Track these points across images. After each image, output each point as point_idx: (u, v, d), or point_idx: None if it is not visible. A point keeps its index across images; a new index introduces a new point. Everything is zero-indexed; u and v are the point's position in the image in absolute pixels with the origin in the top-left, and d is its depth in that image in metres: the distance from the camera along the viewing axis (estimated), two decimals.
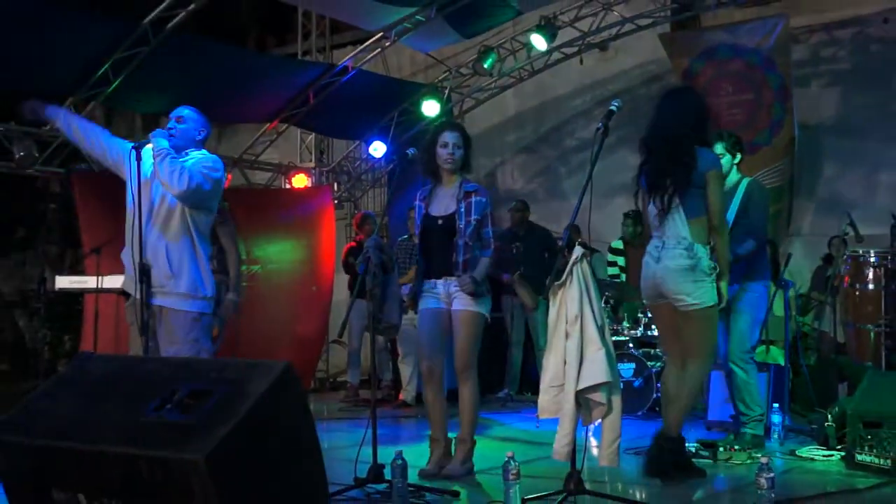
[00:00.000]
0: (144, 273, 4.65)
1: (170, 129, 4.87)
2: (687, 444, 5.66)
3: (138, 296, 4.63)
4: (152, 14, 8.49)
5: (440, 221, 5.17)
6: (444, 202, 5.23)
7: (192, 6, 8.42)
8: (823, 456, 5.59)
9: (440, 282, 5.16)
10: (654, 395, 7.75)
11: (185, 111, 4.96)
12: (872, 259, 6.23)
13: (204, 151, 4.97)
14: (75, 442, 3.10)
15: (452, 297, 5.15)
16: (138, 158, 4.73)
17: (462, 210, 5.13)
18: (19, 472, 3.27)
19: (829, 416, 5.82)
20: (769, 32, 9.35)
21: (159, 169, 4.69)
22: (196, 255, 4.81)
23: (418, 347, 5.37)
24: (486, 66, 10.48)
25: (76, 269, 11.55)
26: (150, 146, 4.78)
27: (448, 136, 5.23)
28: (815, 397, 7.37)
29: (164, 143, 4.75)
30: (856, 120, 9.90)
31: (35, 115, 5.07)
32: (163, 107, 10.52)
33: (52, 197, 14.15)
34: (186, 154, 4.84)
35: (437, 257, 5.18)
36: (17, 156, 8.89)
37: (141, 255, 4.67)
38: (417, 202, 5.33)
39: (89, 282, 7.31)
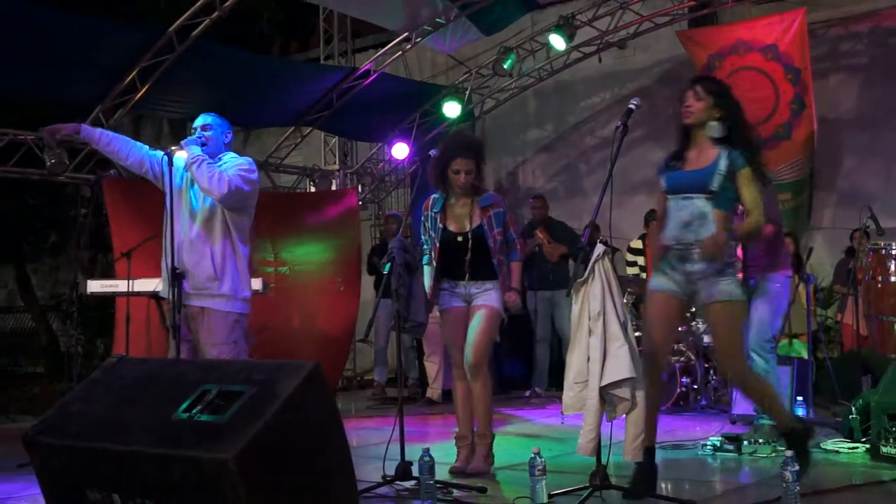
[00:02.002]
0: (178, 276, 4.68)
1: (199, 137, 4.89)
2: (711, 439, 5.66)
3: (173, 297, 4.67)
4: (177, 23, 8.56)
5: (459, 238, 5.15)
6: (459, 218, 5.21)
7: (215, 14, 8.48)
8: (848, 448, 5.53)
9: (461, 282, 5.17)
10: (678, 390, 7.72)
11: (208, 119, 4.99)
12: (894, 251, 6.16)
13: (234, 154, 5.00)
14: (109, 443, 3.12)
15: (473, 296, 5.15)
16: (170, 164, 4.76)
17: (486, 229, 5.12)
18: (55, 472, 3.29)
19: (854, 408, 5.76)
20: (787, 28, 9.28)
21: (197, 175, 4.72)
22: (236, 257, 4.85)
23: (446, 346, 5.35)
24: (505, 66, 10.47)
25: (107, 273, 11.64)
26: (181, 153, 4.81)
27: (461, 164, 5.13)
28: (838, 390, 7.31)
29: (198, 150, 4.78)
30: (875, 113, 9.82)
31: (62, 138, 5.08)
32: (189, 112, 10.61)
33: (83, 202, 14.26)
34: (219, 159, 4.88)
35: (456, 267, 5.17)
36: (48, 163, 8.97)
37: (173, 258, 4.70)
38: (431, 212, 5.27)
39: (120, 285, 7.32)
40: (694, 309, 7.96)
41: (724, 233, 4.27)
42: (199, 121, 4.99)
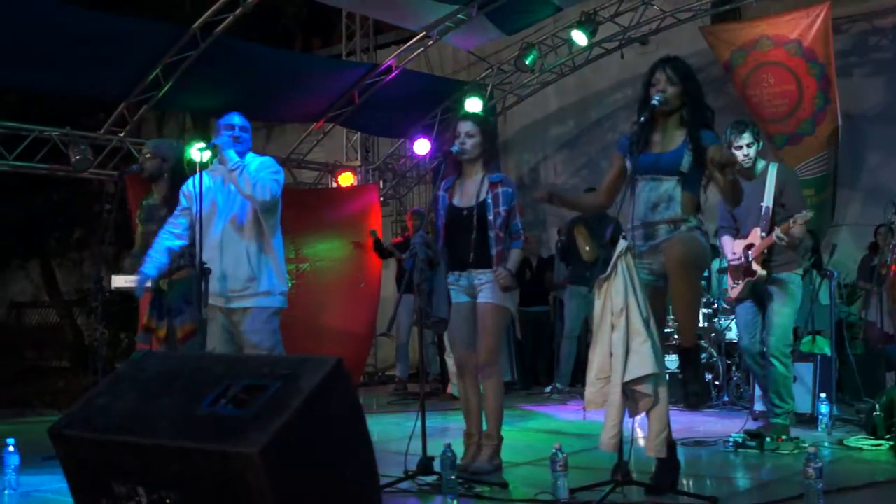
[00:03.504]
0: (205, 272, 4.82)
1: (234, 136, 5.03)
2: (734, 435, 5.64)
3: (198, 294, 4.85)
4: (200, 19, 8.61)
5: (465, 212, 5.04)
6: (467, 193, 5.09)
7: (238, 10, 8.51)
8: (872, 445, 5.50)
9: (464, 274, 5.04)
10: None
11: (238, 120, 5.10)
12: None
13: (254, 154, 5.12)
14: (134, 436, 3.14)
15: (477, 290, 5.02)
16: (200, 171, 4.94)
17: (490, 202, 5.00)
18: (81, 465, 3.32)
19: (877, 405, 5.72)
20: (811, 23, 9.21)
21: (239, 183, 4.89)
22: (270, 256, 5.01)
23: (449, 341, 5.26)
24: (527, 62, 10.46)
25: (131, 269, 11.70)
26: (210, 149, 4.96)
27: (460, 126, 5.11)
28: (862, 387, 7.27)
29: (235, 156, 4.93)
30: None
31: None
32: (212, 107, 10.65)
33: (107, 198, 14.36)
34: (243, 158, 5.01)
35: (459, 249, 5.02)
36: (73, 159, 9.06)
37: (200, 258, 4.86)
38: (441, 192, 5.17)
39: None
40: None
41: None
42: (235, 119, 5.11)
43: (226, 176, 5.03)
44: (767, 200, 5.77)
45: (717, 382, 7.84)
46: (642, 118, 4.36)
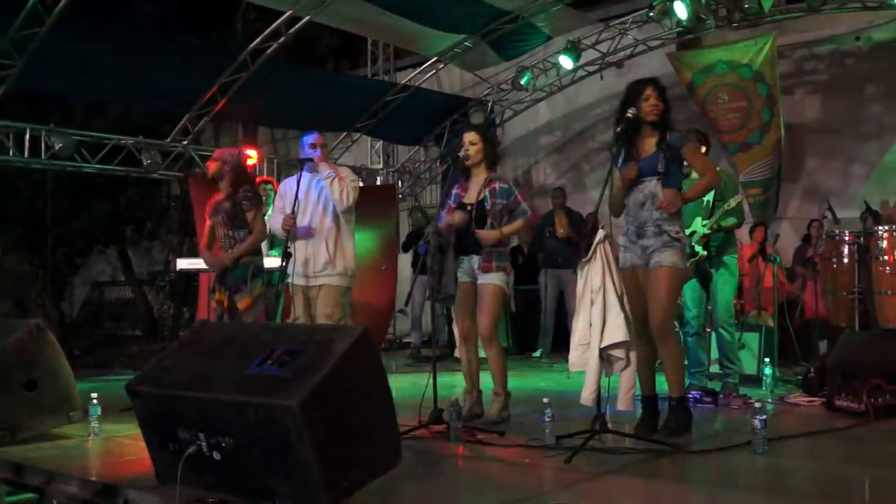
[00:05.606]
0: (288, 255, 5.13)
1: (316, 152, 5.37)
2: (693, 392, 5.61)
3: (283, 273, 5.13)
4: (250, 46, 8.61)
5: (469, 208, 5.01)
6: (471, 192, 5.08)
7: (282, 38, 8.52)
8: (807, 401, 5.50)
9: (466, 258, 5.00)
10: None
11: (318, 137, 5.42)
12: (847, 238, 6.10)
13: (342, 166, 5.50)
14: (196, 391, 3.16)
15: (477, 273, 4.98)
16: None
17: (487, 196, 4.98)
18: (152, 415, 3.34)
19: (812, 368, 5.72)
20: (759, 50, 9.17)
21: (332, 189, 5.29)
22: (346, 246, 5.36)
23: (454, 313, 5.19)
24: (522, 82, 10.42)
25: (193, 254, 11.73)
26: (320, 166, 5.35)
27: (465, 136, 5.10)
28: (799, 353, 7.26)
29: (330, 172, 5.31)
30: (833, 121, 9.68)
31: None
32: (261, 121, 10.65)
33: (174, 196, 14.37)
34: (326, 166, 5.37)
35: (464, 238, 4.97)
36: (144, 163, 9.07)
37: (286, 246, 5.22)
38: (455, 190, 5.15)
39: (203, 263, 7.40)
40: None
41: (678, 192, 4.31)
42: (314, 139, 5.40)
43: (313, 182, 5.37)
44: (709, 196, 5.74)
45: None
46: (618, 129, 4.38)
